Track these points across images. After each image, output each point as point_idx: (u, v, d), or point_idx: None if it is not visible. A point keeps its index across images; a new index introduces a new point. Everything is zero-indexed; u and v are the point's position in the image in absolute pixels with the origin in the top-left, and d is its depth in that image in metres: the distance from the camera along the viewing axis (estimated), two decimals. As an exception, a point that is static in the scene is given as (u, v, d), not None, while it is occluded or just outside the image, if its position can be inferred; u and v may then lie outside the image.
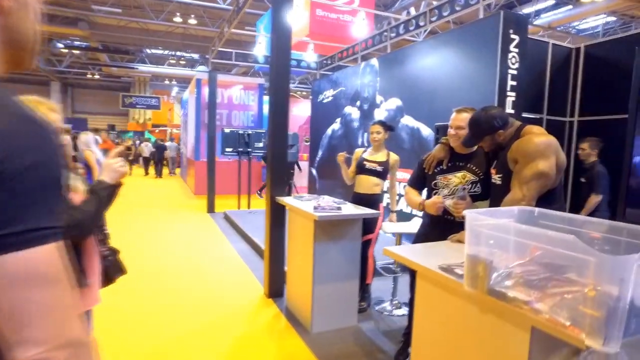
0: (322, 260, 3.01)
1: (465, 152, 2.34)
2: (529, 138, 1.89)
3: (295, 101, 15.50)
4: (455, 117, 2.30)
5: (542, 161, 1.79)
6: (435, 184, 2.38)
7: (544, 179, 1.80)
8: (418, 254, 1.76)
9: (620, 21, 11.88)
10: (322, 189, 8.20)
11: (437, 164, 2.41)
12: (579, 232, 1.30)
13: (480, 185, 2.25)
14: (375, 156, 3.64)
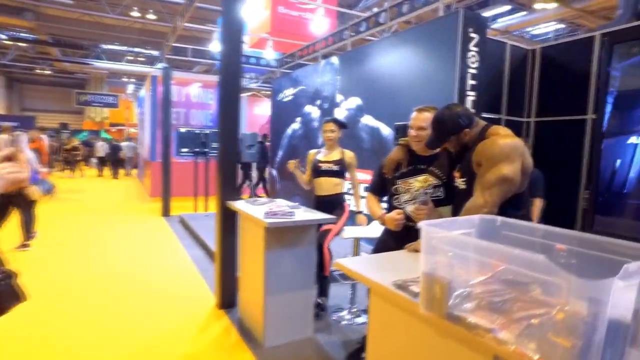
0: (274, 269, 2.79)
1: (426, 154, 2.18)
2: (493, 140, 1.75)
3: (258, 100, 15.19)
4: (416, 117, 2.14)
5: (506, 165, 1.66)
6: (396, 189, 2.22)
7: (508, 184, 1.67)
8: (371, 267, 1.59)
9: (568, 28, 12.40)
10: (283, 190, 7.98)
11: (396, 167, 2.25)
12: (544, 244, 1.16)
13: (443, 189, 2.10)
14: (329, 156, 3.48)
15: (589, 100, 4.21)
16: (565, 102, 4.41)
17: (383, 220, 2.20)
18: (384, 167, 2.32)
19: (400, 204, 2.18)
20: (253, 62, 9.09)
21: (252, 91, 16.05)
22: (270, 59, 9.03)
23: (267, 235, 2.70)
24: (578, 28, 11.96)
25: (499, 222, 1.27)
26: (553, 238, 1.15)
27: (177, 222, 7.45)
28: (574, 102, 4.32)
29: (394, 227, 2.12)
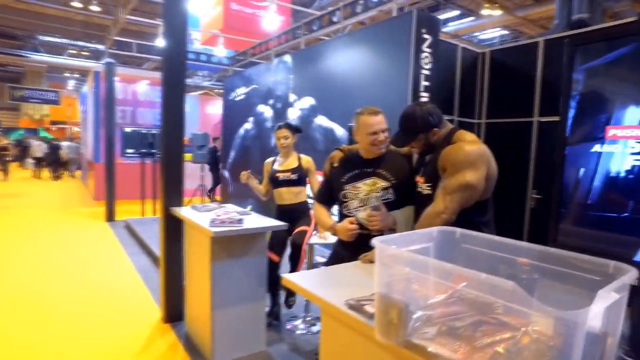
0: (221, 280, 2.60)
1: (372, 157, 2.08)
2: (459, 146, 1.67)
3: (210, 99, 14.73)
4: (375, 121, 1.98)
5: (470, 172, 1.59)
6: (344, 195, 2.08)
7: (470, 191, 1.61)
8: (322, 283, 1.46)
9: (511, 35, 13.02)
10: (235, 192, 7.72)
11: (340, 171, 2.13)
12: (505, 258, 1.08)
13: (393, 191, 2.00)
14: (286, 164, 3.34)
15: (534, 102, 4.34)
16: (513, 105, 4.52)
17: (334, 230, 2.05)
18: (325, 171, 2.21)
19: (351, 211, 2.05)
20: (204, 59, 8.74)
21: (204, 89, 15.55)
22: (221, 56, 8.72)
23: (214, 245, 2.51)
24: (520, 35, 12.57)
25: (459, 234, 1.19)
26: (514, 251, 1.07)
27: (122, 228, 7.00)
28: (521, 105, 4.43)
29: (347, 238, 1.98)
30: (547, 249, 1.00)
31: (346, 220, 2.00)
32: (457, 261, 1.20)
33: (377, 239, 1.02)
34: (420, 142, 1.81)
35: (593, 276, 0.91)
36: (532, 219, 4.42)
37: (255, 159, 6.83)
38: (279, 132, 3.32)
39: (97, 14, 13.04)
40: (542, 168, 4.32)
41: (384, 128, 1.99)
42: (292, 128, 3.34)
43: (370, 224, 1.90)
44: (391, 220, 1.92)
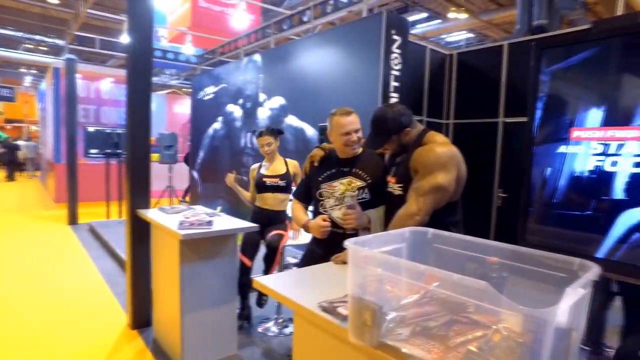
0: (191, 284, 2.54)
1: (348, 156, 2.09)
2: (430, 147, 1.70)
3: (179, 98, 14.41)
4: (350, 121, 2.00)
5: (441, 174, 1.62)
6: (320, 193, 2.09)
7: (442, 193, 1.64)
8: (295, 285, 1.44)
9: (477, 38, 13.42)
10: (205, 193, 7.58)
11: (318, 169, 2.14)
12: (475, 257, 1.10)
13: (368, 191, 2.01)
14: (273, 169, 3.30)
15: (500, 104, 4.48)
16: (479, 106, 4.65)
17: (307, 227, 2.06)
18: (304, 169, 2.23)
19: (326, 209, 2.07)
20: (171, 57, 8.52)
21: (172, 88, 15.19)
22: (189, 54, 8.54)
23: (183, 247, 2.45)
24: (485, 38, 12.98)
25: (430, 234, 1.20)
26: (484, 250, 1.09)
27: (86, 231, 6.74)
28: (487, 106, 4.56)
29: (319, 235, 1.99)
30: (516, 248, 1.02)
31: (319, 218, 2.01)
32: (429, 261, 1.21)
33: (349, 241, 1.02)
34: (394, 143, 1.83)
35: (559, 273, 0.94)
36: (498, 217, 4.56)
37: (225, 159, 6.72)
38: (261, 139, 3.26)
39: (56, 7, 12.45)
40: (508, 167, 4.46)
41: (356, 128, 2.00)
42: (274, 133, 3.26)
43: (344, 223, 1.91)
44: (366, 219, 1.93)
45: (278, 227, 3.24)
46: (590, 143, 0.98)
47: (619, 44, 0.98)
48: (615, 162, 0.96)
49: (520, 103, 4.35)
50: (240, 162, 6.19)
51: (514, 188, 4.43)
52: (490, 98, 4.54)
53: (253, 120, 5.80)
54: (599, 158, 0.97)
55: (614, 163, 0.96)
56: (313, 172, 2.16)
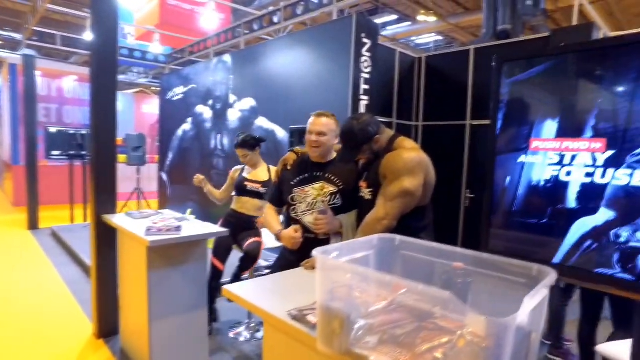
0: (159, 291, 2.48)
1: (321, 161, 2.09)
2: (399, 153, 1.74)
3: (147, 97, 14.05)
4: (314, 122, 2.03)
5: (408, 179, 1.66)
6: (292, 198, 2.08)
7: (409, 198, 1.68)
8: (264, 292, 1.43)
9: (445, 40, 13.73)
10: (174, 195, 7.43)
11: (290, 174, 2.13)
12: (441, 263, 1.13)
13: (340, 197, 2.02)
14: (256, 174, 3.25)
15: (467, 107, 4.60)
16: (447, 108, 4.76)
17: (279, 237, 2.06)
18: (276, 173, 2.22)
19: (298, 214, 2.06)
20: (138, 56, 8.30)
21: (141, 87, 14.79)
22: (158, 53, 8.33)
23: (150, 254, 2.39)
24: (453, 41, 13.30)
25: (398, 241, 1.22)
26: (450, 256, 1.11)
27: (48, 236, 6.47)
28: (454, 108, 4.67)
29: (290, 246, 2.00)
30: (479, 255, 1.05)
31: (291, 228, 2.01)
32: (397, 267, 1.23)
33: (317, 250, 1.02)
34: (366, 152, 1.85)
35: (520, 279, 0.98)
36: (466, 218, 4.68)
37: (195, 161, 6.61)
38: (237, 150, 3.22)
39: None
40: (475, 169, 4.59)
41: (320, 131, 2.00)
42: (247, 145, 3.20)
43: (316, 228, 1.92)
44: (337, 224, 1.94)
45: (253, 233, 3.21)
46: (548, 153, 1.02)
47: (572, 58, 1.03)
48: (569, 172, 1.00)
49: (486, 106, 4.49)
50: (211, 164, 6.10)
51: (481, 189, 4.56)
52: (458, 101, 4.66)
53: (223, 122, 5.73)
54: (556, 168, 1.01)
55: (568, 173, 1.00)
56: (286, 176, 2.15)
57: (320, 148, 2.02)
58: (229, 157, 5.69)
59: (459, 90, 4.65)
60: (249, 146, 3.19)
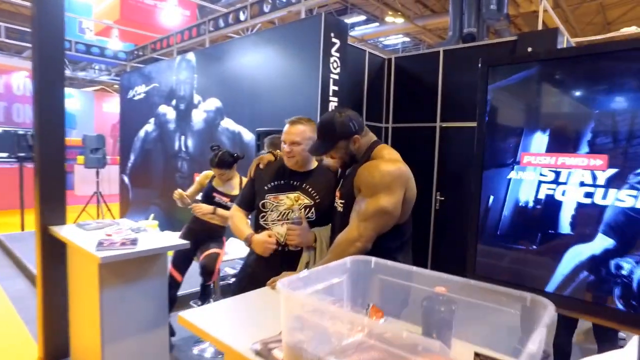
0: (113, 309, 2.26)
1: (301, 170, 1.93)
2: (375, 165, 1.51)
3: (108, 96, 13.46)
4: (288, 131, 1.85)
5: (386, 196, 1.46)
6: (263, 204, 1.90)
7: (386, 217, 1.48)
8: (226, 320, 1.28)
9: (413, 42, 13.88)
10: (136, 199, 7.09)
11: (266, 177, 1.95)
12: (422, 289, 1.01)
13: (315, 211, 1.86)
14: (227, 187, 3.05)
15: (437, 108, 4.57)
16: (417, 110, 4.72)
17: (250, 242, 1.86)
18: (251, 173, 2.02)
19: (267, 223, 1.89)
20: (96, 52, 7.86)
21: (101, 85, 14.15)
22: (117, 49, 7.93)
23: (103, 270, 2.17)
24: (420, 42, 13.46)
25: (374, 264, 1.09)
26: (431, 282, 1.00)
27: (-5, 245, 6.00)
28: (424, 110, 4.64)
29: (262, 252, 1.81)
30: (465, 280, 0.94)
31: (265, 233, 1.83)
32: (373, 293, 1.11)
33: (281, 282, 0.88)
34: (341, 150, 1.64)
35: (510, 309, 0.87)
36: (436, 220, 4.66)
37: (158, 163, 6.31)
38: (213, 170, 3.02)
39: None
40: (445, 171, 4.57)
41: (293, 140, 1.84)
42: (226, 164, 2.97)
43: (288, 239, 1.76)
44: (311, 237, 1.79)
45: (215, 243, 3.03)
46: (542, 169, 0.92)
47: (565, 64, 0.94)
48: (565, 192, 0.90)
49: (456, 108, 4.47)
50: (175, 166, 5.83)
51: (451, 191, 4.55)
52: (428, 103, 4.62)
53: (187, 123, 5.48)
54: (550, 186, 0.91)
55: (564, 192, 0.90)
56: (260, 178, 1.96)
57: (294, 158, 1.86)
58: (193, 160, 5.44)
59: (428, 92, 4.61)
60: (227, 165, 2.98)
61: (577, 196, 0.88)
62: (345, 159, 1.67)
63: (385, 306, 1.07)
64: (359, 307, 1.14)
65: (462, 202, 4.43)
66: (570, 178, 0.87)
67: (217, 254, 2.97)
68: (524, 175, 0.92)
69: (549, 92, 0.97)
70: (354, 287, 1.08)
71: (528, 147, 0.93)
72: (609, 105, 0.86)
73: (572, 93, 0.93)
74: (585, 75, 0.89)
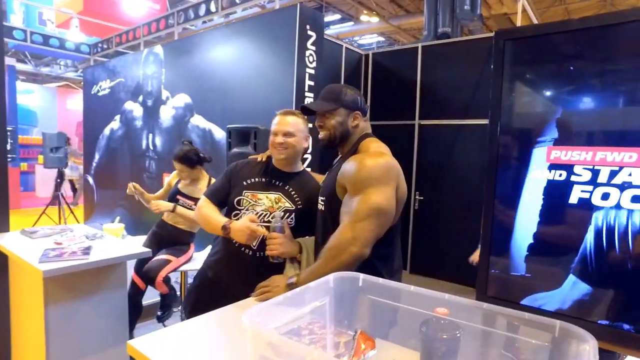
0: (62, 328, 2.00)
1: (286, 170, 1.74)
2: (360, 159, 1.34)
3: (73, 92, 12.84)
4: (280, 121, 1.67)
5: (376, 192, 1.27)
6: (239, 200, 1.67)
7: (384, 217, 1.29)
8: (181, 350, 1.07)
9: (387, 42, 13.89)
10: (101, 200, 6.71)
11: (245, 170, 1.75)
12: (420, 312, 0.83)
13: (295, 218, 1.67)
14: (192, 189, 2.84)
15: (415, 106, 4.45)
16: (395, 108, 4.59)
17: (228, 230, 1.58)
18: (238, 166, 1.80)
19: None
20: (55, 44, 7.40)
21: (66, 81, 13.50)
22: (80, 42, 7.49)
23: (48, 285, 1.91)
24: (395, 42, 13.46)
25: (362, 281, 0.91)
26: (431, 303, 0.83)
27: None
28: (403, 108, 4.51)
29: (245, 240, 1.54)
30: (474, 303, 0.77)
31: (246, 217, 1.57)
32: (361, 318, 0.93)
33: (247, 314, 0.68)
34: (338, 120, 1.46)
35: (532, 339, 0.71)
36: (415, 221, 4.54)
37: (124, 163, 5.97)
38: (175, 163, 2.83)
39: None
40: (424, 170, 4.46)
41: (287, 130, 1.65)
42: (189, 161, 2.78)
43: (269, 248, 1.52)
44: (296, 248, 1.56)
45: (174, 250, 2.80)
46: (573, 167, 0.75)
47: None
48: (607, 195, 0.73)
49: (435, 106, 4.37)
50: (142, 166, 5.51)
51: (431, 190, 4.44)
52: (406, 100, 4.50)
53: (155, 120, 5.17)
54: (585, 188, 0.74)
55: (605, 195, 0.74)
56: (238, 173, 1.75)
57: (288, 150, 1.66)
58: (162, 159, 5.14)
59: (407, 89, 4.49)
60: (188, 162, 2.78)
61: (624, 200, 0.71)
62: (335, 132, 1.48)
63: (376, 331, 0.89)
64: (345, 331, 0.96)
65: (442, 202, 4.33)
66: (613, 178, 0.71)
67: (167, 260, 2.73)
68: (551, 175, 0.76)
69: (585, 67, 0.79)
70: (339, 311, 0.90)
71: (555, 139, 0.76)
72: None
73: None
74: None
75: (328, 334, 0.93)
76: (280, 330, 0.84)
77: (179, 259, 2.78)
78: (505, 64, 0.81)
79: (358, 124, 1.49)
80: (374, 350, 0.83)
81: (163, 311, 2.95)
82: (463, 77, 4.14)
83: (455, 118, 4.19)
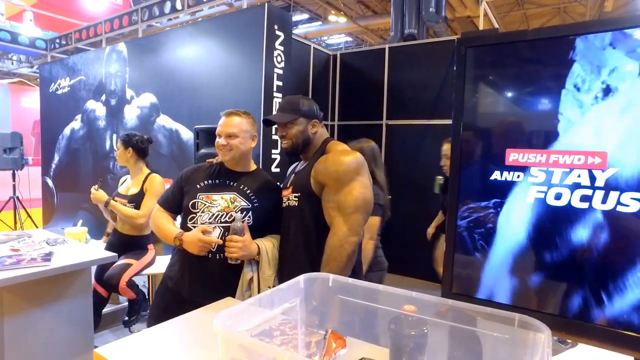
0: (20, 340, 1.92)
1: (238, 169, 1.74)
2: (337, 156, 1.50)
3: (28, 90, 12.24)
4: (223, 122, 1.68)
5: (358, 183, 1.44)
6: (194, 204, 1.65)
7: (369, 205, 1.46)
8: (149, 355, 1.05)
9: (355, 42, 14.03)
10: (62, 204, 6.44)
11: (198, 175, 1.74)
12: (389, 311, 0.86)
13: (252, 215, 1.66)
14: (127, 187, 2.75)
15: (383, 106, 4.53)
16: (363, 108, 4.65)
17: (181, 241, 1.58)
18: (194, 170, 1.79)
19: (197, 225, 1.63)
20: (7, 38, 7.03)
21: (21, 77, 12.84)
22: (34, 37, 7.15)
23: (3, 296, 1.82)
24: (363, 42, 13.62)
25: (332, 282, 0.93)
26: (399, 301, 0.85)
27: None
28: (370, 108, 4.58)
29: (197, 251, 1.55)
30: (440, 300, 0.80)
31: (198, 228, 1.57)
32: (332, 317, 0.94)
33: (219, 317, 0.69)
34: (298, 129, 1.59)
35: (495, 332, 0.74)
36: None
37: (87, 164, 5.75)
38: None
39: None
40: (392, 170, 4.53)
41: (229, 132, 1.66)
42: (124, 141, 2.73)
43: (228, 251, 1.53)
44: (254, 250, 1.58)
45: (133, 254, 2.73)
46: (530, 169, 0.80)
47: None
48: (559, 195, 0.78)
49: (402, 106, 4.45)
50: (107, 168, 5.33)
51: (399, 190, 4.52)
52: (374, 100, 4.57)
53: (119, 120, 5.02)
54: (541, 189, 0.79)
55: (557, 196, 0.78)
56: (191, 178, 1.73)
57: (232, 151, 1.67)
58: (126, 160, 4.99)
59: (374, 89, 4.56)
60: (123, 142, 2.74)
61: (574, 200, 0.76)
62: (297, 140, 1.60)
63: (347, 330, 0.91)
64: (316, 330, 0.98)
65: (410, 199, 4.42)
66: (565, 179, 0.76)
67: (127, 264, 2.66)
68: (510, 177, 0.80)
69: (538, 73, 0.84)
70: (309, 309, 0.91)
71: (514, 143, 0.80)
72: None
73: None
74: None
75: (299, 334, 0.94)
76: (252, 332, 0.84)
77: (140, 261, 2.70)
78: (468, 68, 0.85)
79: (317, 130, 1.64)
80: (344, 349, 0.85)
81: (130, 316, 2.87)
82: (429, 78, 4.24)
83: (422, 118, 4.28)
